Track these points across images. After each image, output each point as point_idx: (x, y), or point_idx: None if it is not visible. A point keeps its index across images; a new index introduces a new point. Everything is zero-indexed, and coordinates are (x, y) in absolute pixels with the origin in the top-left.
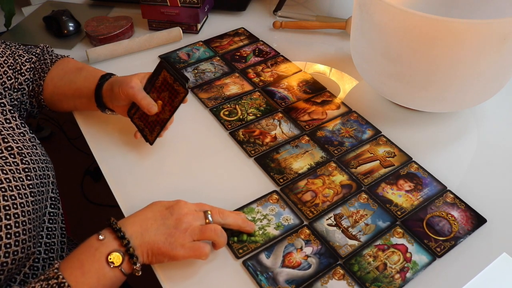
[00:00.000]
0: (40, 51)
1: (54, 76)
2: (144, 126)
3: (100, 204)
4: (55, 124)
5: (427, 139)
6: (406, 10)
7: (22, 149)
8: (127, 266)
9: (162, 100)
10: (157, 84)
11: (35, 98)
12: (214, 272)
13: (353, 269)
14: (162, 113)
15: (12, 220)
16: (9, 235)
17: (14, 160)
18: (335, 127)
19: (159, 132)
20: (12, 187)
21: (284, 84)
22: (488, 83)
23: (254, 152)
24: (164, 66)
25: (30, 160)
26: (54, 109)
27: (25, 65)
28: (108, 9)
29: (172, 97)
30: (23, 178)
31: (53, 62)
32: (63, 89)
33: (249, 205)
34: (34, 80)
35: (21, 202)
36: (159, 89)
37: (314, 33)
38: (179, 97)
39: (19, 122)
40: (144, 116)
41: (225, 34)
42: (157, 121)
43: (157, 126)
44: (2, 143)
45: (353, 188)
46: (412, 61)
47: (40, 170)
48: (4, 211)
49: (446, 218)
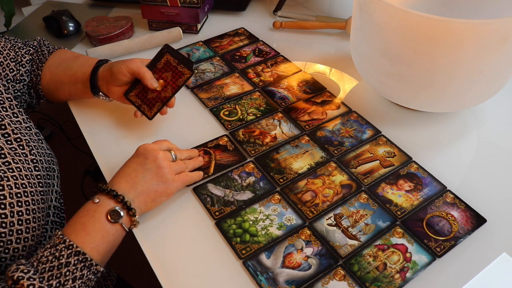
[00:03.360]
0: (37, 43)
1: (51, 65)
2: (142, 103)
3: None
4: (55, 124)
5: (427, 139)
6: (406, 10)
7: (29, 141)
8: (127, 219)
9: (164, 80)
10: (159, 65)
11: (33, 88)
12: (215, 272)
13: (353, 269)
14: (164, 92)
15: (23, 207)
16: (20, 222)
17: (23, 151)
18: (335, 127)
19: (160, 109)
20: (23, 176)
21: (284, 84)
22: (488, 83)
23: (254, 152)
24: (168, 50)
25: (37, 153)
26: (51, 99)
27: (25, 57)
28: (108, 9)
29: (176, 76)
30: (32, 169)
31: (50, 53)
32: (59, 76)
33: (251, 205)
34: (32, 70)
35: (31, 190)
36: (162, 70)
37: (314, 33)
38: (183, 77)
39: (25, 117)
40: (141, 93)
41: (225, 34)
42: (158, 98)
43: (158, 103)
44: (12, 134)
45: (353, 188)
46: (412, 61)
47: (46, 163)
48: (16, 198)
49: (446, 218)
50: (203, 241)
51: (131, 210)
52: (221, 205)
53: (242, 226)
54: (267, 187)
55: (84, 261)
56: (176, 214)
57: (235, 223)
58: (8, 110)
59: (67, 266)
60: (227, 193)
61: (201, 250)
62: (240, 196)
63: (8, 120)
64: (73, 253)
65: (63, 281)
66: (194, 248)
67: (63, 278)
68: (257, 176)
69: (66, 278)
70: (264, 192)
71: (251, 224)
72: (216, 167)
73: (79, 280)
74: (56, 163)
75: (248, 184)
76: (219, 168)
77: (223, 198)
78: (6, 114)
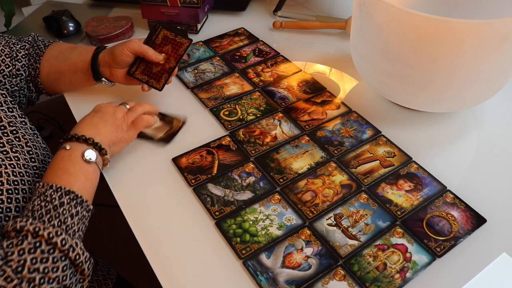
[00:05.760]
0: (32, 38)
1: (49, 57)
2: (149, 78)
3: (101, 204)
4: (55, 124)
5: (427, 139)
6: (406, 10)
7: (25, 135)
8: (99, 159)
9: (165, 53)
10: (157, 41)
11: (32, 82)
12: (215, 272)
13: (353, 269)
14: (168, 63)
15: (20, 195)
16: (17, 208)
17: (19, 143)
18: (335, 127)
19: (167, 79)
20: (21, 165)
21: (284, 84)
22: (488, 83)
23: (254, 152)
24: (163, 26)
25: (33, 145)
26: (51, 91)
27: (20, 52)
28: (108, 9)
29: (176, 47)
30: (28, 160)
31: (46, 46)
32: (58, 66)
33: (251, 205)
34: (29, 65)
35: (28, 179)
36: (161, 44)
37: (314, 33)
38: (183, 47)
39: (19, 112)
40: (146, 70)
41: (225, 34)
42: (163, 70)
43: (165, 74)
44: (8, 127)
45: (353, 188)
46: (412, 61)
47: (42, 155)
48: (13, 185)
49: (446, 218)
50: (203, 241)
51: (102, 149)
52: (221, 205)
53: (242, 226)
54: (267, 187)
55: (76, 198)
56: (176, 214)
57: (235, 223)
58: (3, 105)
59: (62, 206)
60: (227, 193)
61: (201, 250)
62: (240, 196)
63: (3, 114)
64: (64, 193)
65: (63, 219)
66: (194, 248)
67: (62, 216)
68: (257, 176)
69: (65, 216)
70: (264, 192)
71: (251, 224)
72: (219, 167)
73: (76, 216)
74: (52, 157)
75: (248, 184)
76: (222, 168)
77: (223, 198)
78: (1, 108)
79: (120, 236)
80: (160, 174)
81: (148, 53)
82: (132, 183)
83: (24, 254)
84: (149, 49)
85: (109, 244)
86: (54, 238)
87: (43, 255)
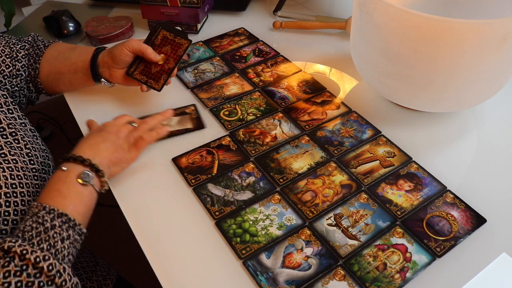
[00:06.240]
0: (32, 38)
1: (49, 57)
2: (148, 78)
3: (101, 204)
4: (55, 124)
5: (427, 139)
6: (406, 10)
7: (24, 136)
8: (96, 181)
9: (164, 53)
10: (156, 42)
11: (32, 83)
12: (215, 272)
13: (353, 269)
14: (167, 64)
15: (19, 198)
16: (16, 212)
17: (18, 145)
18: (335, 127)
19: (166, 80)
20: (19, 168)
21: (284, 84)
22: (488, 83)
23: (254, 152)
24: (162, 27)
25: (32, 148)
26: (51, 91)
27: (20, 52)
28: (108, 9)
29: (176, 48)
30: (27, 162)
31: (46, 46)
32: (58, 67)
33: (251, 205)
34: (29, 65)
35: (26, 182)
36: (160, 45)
37: (314, 33)
38: (182, 47)
39: (20, 114)
40: (145, 70)
41: (225, 34)
42: (162, 71)
43: (164, 75)
44: (7, 129)
45: (353, 188)
46: (412, 61)
47: (41, 157)
48: (11, 189)
49: (446, 218)
50: (203, 241)
51: (99, 171)
52: (221, 205)
53: (242, 226)
54: (267, 187)
55: (68, 221)
56: (176, 214)
57: (235, 223)
58: (3, 106)
59: (53, 228)
60: (227, 193)
61: (201, 250)
62: (240, 196)
63: (3, 115)
64: (56, 216)
65: (52, 242)
66: (194, 248)
67: (52, 240)
68: (257, 176)
69: (55, 240)
70: (264, 192)
71: (251, 224)
72: (219, 167)
73: (67, 240)
74: (52, 159)
75: (248, 184)
76: (222, 168)
77: (223, 198)
78: (1, 110)
79: (120, 236)
80: (160, 174)
81: (147, 52)
82: (132, 183)
83: (10, 276)
84: (148, 47)
85: (109, 244)
86: (40, 263)
87: (29, 278)
